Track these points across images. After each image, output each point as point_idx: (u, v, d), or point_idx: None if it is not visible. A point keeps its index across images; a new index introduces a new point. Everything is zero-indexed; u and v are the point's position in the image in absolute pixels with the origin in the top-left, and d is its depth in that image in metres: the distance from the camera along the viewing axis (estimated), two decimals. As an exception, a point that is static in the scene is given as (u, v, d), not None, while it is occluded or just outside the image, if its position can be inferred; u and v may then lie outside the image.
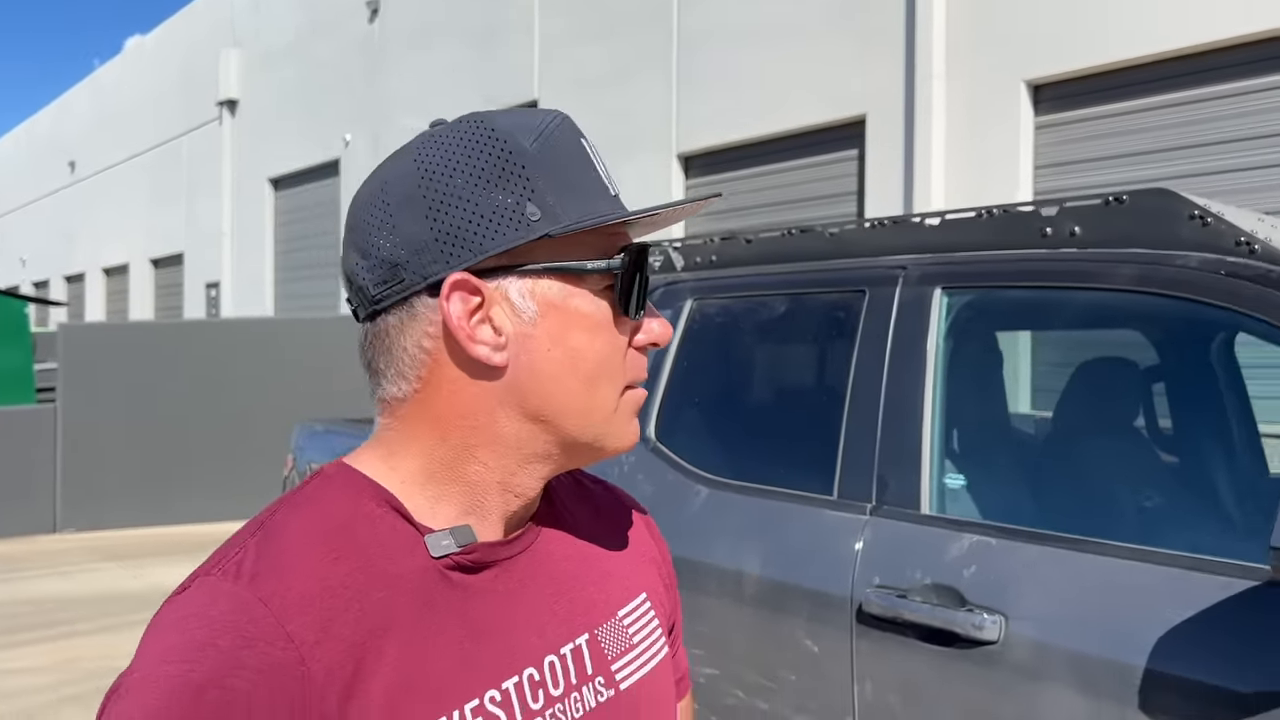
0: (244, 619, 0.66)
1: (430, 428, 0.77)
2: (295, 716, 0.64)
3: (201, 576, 0.70)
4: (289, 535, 0.72)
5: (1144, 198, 1.79)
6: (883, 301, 2.05)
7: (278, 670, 0.64)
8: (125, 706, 0.64)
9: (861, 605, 1.85)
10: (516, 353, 0.74)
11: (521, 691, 0.74)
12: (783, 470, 2.13)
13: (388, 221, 0.74)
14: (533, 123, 0.76)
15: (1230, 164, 8.10)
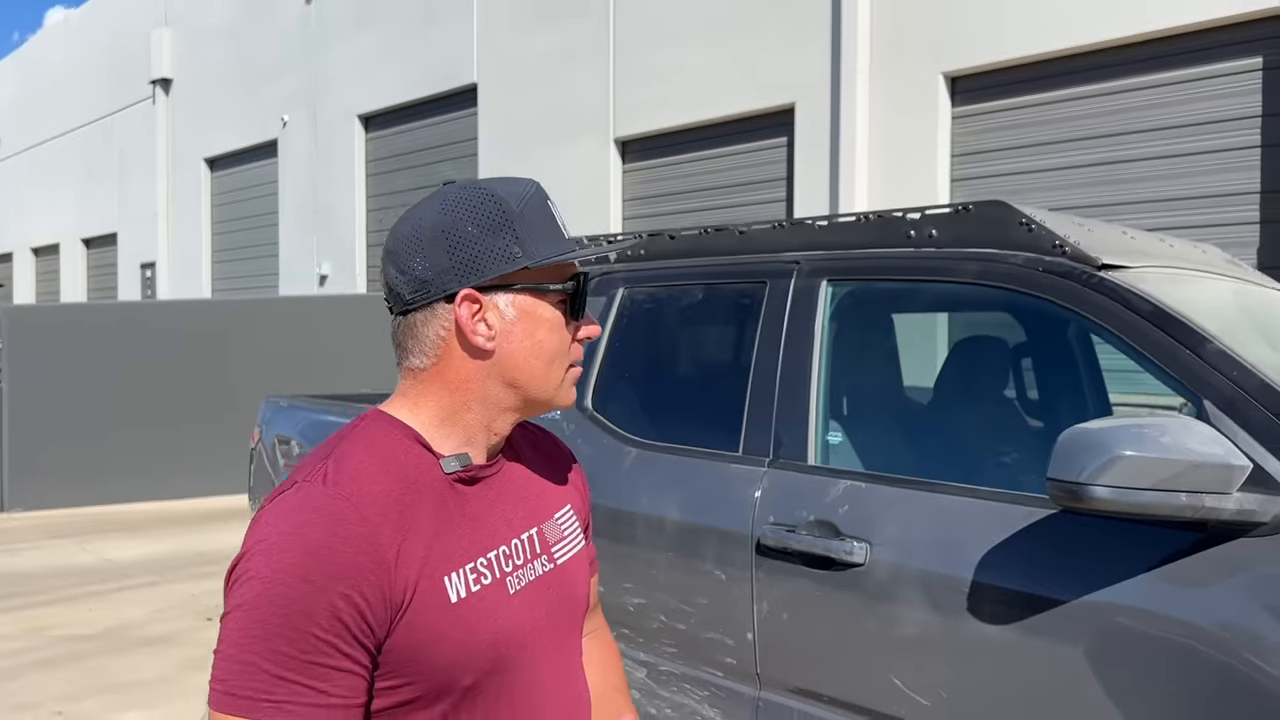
0: (335, 508, 1.04)
1: (441, 388, 1.16)
2: (369, 568, 1.02)
3: (298, 484, 1.07)
4: (354, 457, 1.10)
5: (985, 208, 2.22)
6: (780, 291, 2.46)
7: (358, 539, 1.03)
8: (255, 565, 1.01)
9: (760, 540, 2.26)
10: (501, 342, 1.14)
11: (499, 559, 1.14)
12: (697, 432, 2.54)
13: (421, 251, 1.13)
14: (518, 190, 1.16)
15: (1133, 154, 8.70)
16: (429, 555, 1.07)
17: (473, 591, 1.10)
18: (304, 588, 1.00)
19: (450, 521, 1.11)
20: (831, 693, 2.15)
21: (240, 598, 1.02)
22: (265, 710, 0.99)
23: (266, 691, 0.99)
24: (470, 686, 1.09)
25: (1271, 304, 2.45)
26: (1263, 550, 1.66)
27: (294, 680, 0.99)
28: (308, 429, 3.73)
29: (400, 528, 1.06)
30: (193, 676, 4.85)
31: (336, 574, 1.01)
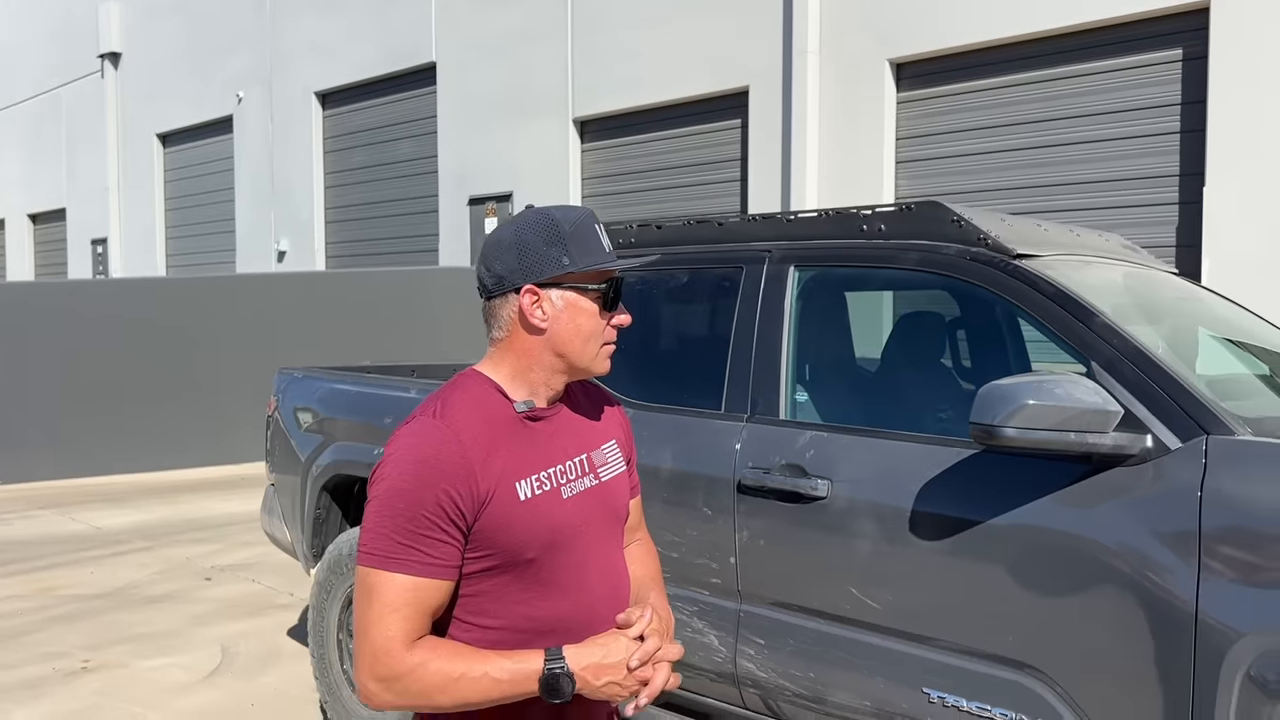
0: (440, 434, 1.51)
1: (512, 354, 1.62)
2: (461, 474, 1.49)
3: (419, 418, 1.54)
4: (454, 401, 1.57)
5: (923, 207, 2.71)
6: (755, 275, 2.93)
7: (454, 455, 1.50)
8: (386, 470, 1.50)
9: (740, 481, 2.74)
10: (551, 324, 1.60)
11: (555, 474, 1.61)
12: (686, 395, 3.01)
13: (501, 256, 1.59)
14: (572, 215, 1.61)
15: (1065, 138, 9.30)
16: (504, 468, 1.54)
17: (535, 494, 1.57)
18: (417, 485, 1.48)
19: (520, 446, 1.57)
20: (800, 602, 2.64)
21: (376, 491, 1.51)
22: (390, 565, 1.47)
23: (391, 553, 1.47)
24: (532, 560, 1.56)
25: (1153, 284, 2.98)
26: (1133, 476, 2.17)
27: (410, 546, 1.47)
28: (326, 397, 4.14)
29: (484, 448, 1.53)
30: (203, 629, 5.24)
31: (438, 478, 1.48)
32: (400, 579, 1.46)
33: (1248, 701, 1.94)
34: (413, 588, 1.47)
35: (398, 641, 1.46)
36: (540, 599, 1.56)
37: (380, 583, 1.47)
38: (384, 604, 1.46)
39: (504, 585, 1.54)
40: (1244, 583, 1.97)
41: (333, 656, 3.91)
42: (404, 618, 1.46)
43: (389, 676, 1.45)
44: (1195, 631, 2.02)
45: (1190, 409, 2.16)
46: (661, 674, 1.53)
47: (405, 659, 1.45)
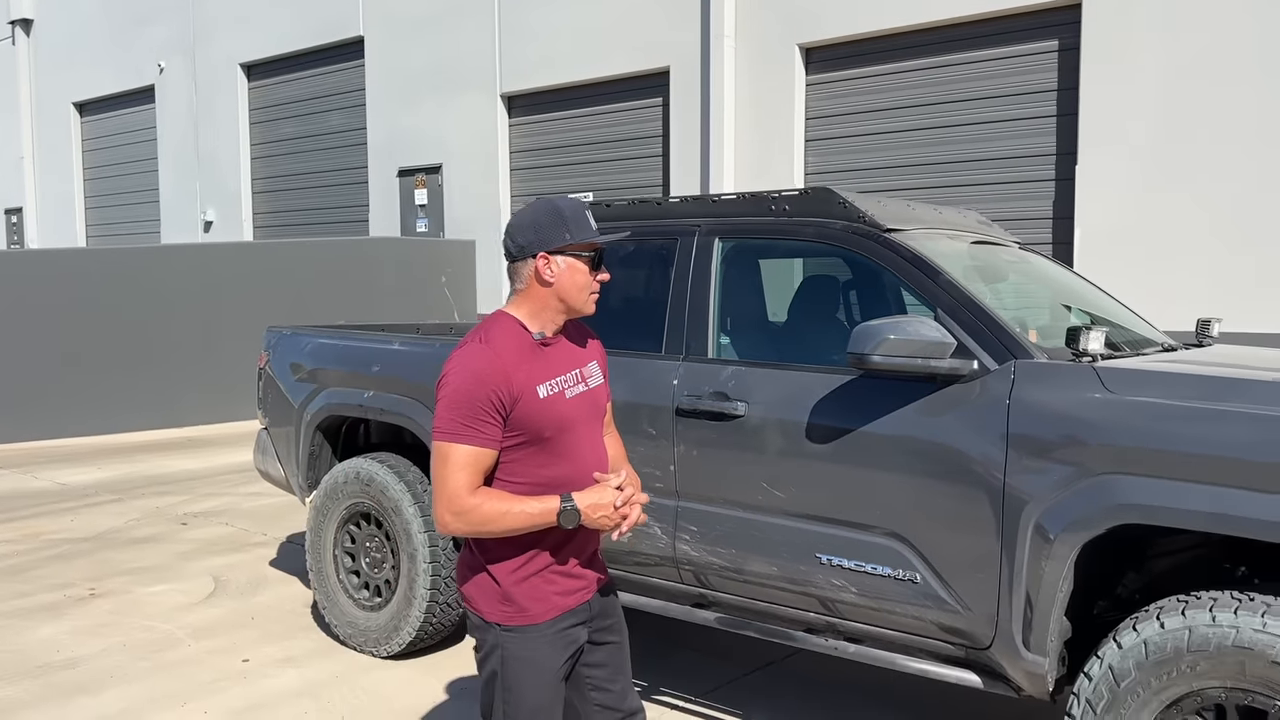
0: (487, 353, 2.24)
1: (530, 300, 2.35)
2: (502, 380, 2.22)
3: (469, 343, 2.28)
4: (493, 331, 2.31)
5: (818, 191, 3.50)
6: (688, 245, 3.70)
7: (497, 366, 2.23)
8: (450, 377, 2.23)
9: (678, 406, 3.52)
10: (558, 279, 2.33)
11: (561, 380, 2.35)
12: (633, 341, 3.77)
13: (523, 232, 2.32)
14: (571, 205, 2.35)
15: (956, 120, 10.25)
16: (529, 377, 2.28)
17: (550, 394, 2.31)
18: (474, 385, 2.21)
19: (537, 362, 2.30)
20: (725, 496, 3.44)
21: (445, 392, 2.23)
22: (458, 439, 2.20)
23: (457, 431, 2.20)
24: (549, 438, 2.30)
25: (993, 252, 3.84)
26: (965, 391, 3.00)
27: (470, 426, 2.21)
28: (316, 350, 4.79)
29: (515, 364, 2.27)
30: (191, 563, 5.85)
31: (488, 380, 2.21)
32: (465, 448, 2.19)
33: (1035, 542, 2.79)
34: (473, 454, 2.20)
35: (464, 488, 2.18)
36: (552, 464, 2.31)
37: (451, 451, 2.19)
38: (455, 464, 2.19)
39: (529, 455, 2.29)
40: (1034, 462, 2.82)
41: (329, 570, 4.59)
42: (468, 474, 2.19)
43: (460, 511, 2.18)
44: (1003, 498, 2.86)
45: (1004, 340, 3.00)
46: (635, 511, 2.28)
47: (469, 500, 2.19)
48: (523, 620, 2.27)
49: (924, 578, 3.02)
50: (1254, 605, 2.47)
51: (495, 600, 2.29)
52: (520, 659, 2.27)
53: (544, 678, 2.29)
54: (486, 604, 2.30)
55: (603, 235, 2.37)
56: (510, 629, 2.28)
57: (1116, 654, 2.62)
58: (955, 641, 3.02)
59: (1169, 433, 2.62)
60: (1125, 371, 2.85)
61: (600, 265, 2.38)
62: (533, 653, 2.27)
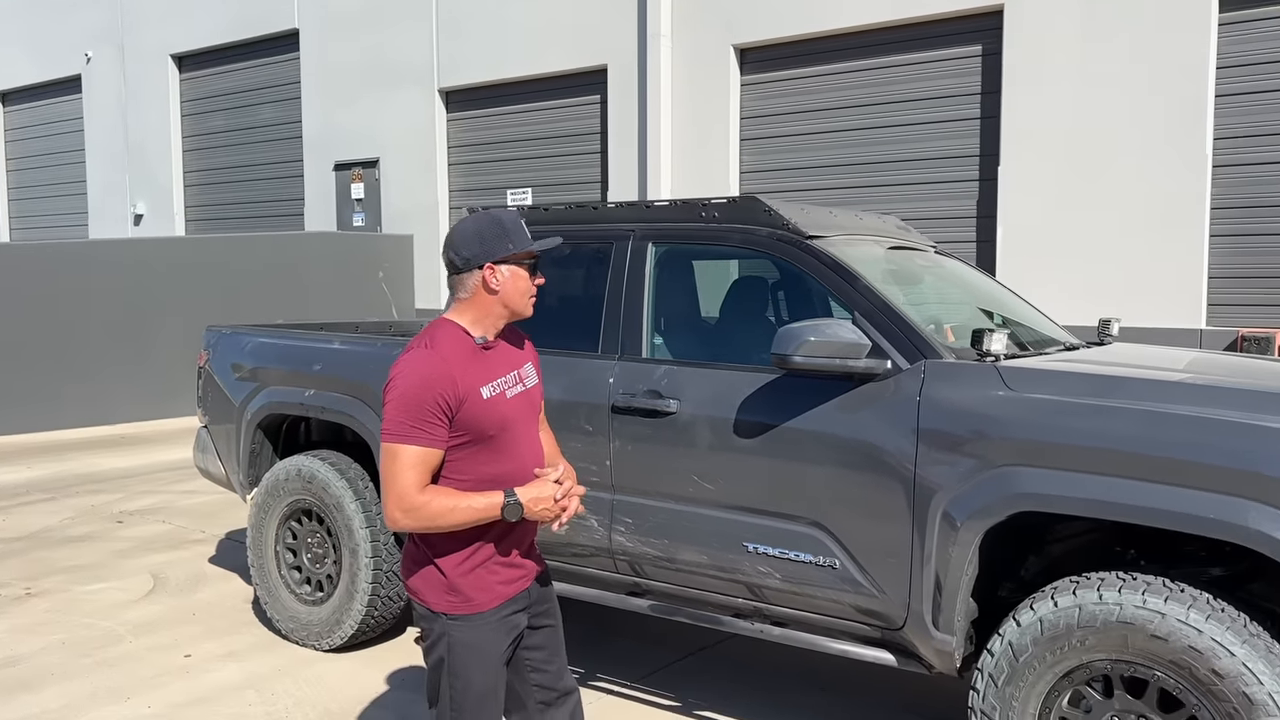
0: (433, 358, 2.38)
1: (474, 308, 2.49)
2: (448, 383, 2.36)
3: (415, 349, 2.41)
4: (439, 336, 2.45)
5: (744, 200, 3.68)
6: (623, 249, 3.86)
7: (444, 371, 2.37)
8: (398, 381, 2.36)
9: (614, 404, 3.68)
10: (502, 288, 2.47)
11: (501, 382, 2.49)
12: (570, 341, 3.92)
13: (468, 245, 2.46)
14: (509, 216, 2.50)
15: (885, 121, 10.54)
16: (473, 379, 2.42)
17: (492, 395, 2.46)
18: (423, 388, 2.34)
19: (480, 365, 2.44)
20: (658, 489, 3.61)
21: (393, 394, 2.35)
22: (406, 440, 2.32)
23: (406, 433, 2.33)
24: (492, 436, 2.45)
25: (909, 256, 4.07)
26: (880, 389, 3.20)
27: (418, 427, 2.34)
28: (256, 349, 4.85)
29: (461, 367, 2.40)
30: (129, 561, 5.86)
31: (436, 384, 2.35)
32: (413, 448, 2.32)
33: (943, 530, 3.01)
34: (421, 454, 2.33)
35: (413, 487, 2.32)
36: (495, 461, 2.46)
37: (401, 451, 2.32)
38: (404, 463, 2.32)
39: (474, 453, 2.43)
40: (941, 455, 3.03)
41: (270, 565, 4.67)
42: (417, 473, 2.32)
43: (409, 508, 2.32)
44: (914, 488, 3.07)
45: (915, 342, 3.22)
46: (574, 504, 2.44)
47: (419, 498, 2.32)
48: (469, 609, 2.42)
49: (843, 564, 3.22)
50: (1136, 584, 2.71)
51: (442, 591, 2.42)
52: (467, 645, 2.41)
53: (489, 663, 2.43)
54: (433, 595, 2.43)
55: (540, 243, 2.52)
56: (456, 618, 2.41)
57: (1016, 631, 2.85)
58: (871, 623, 3.24)
59: (1062, 427, 2.85)
60: (1025, 370, 3.08)
61: (536, 270, 2.53)
62: (478, 640, 2.42)
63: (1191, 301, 8.75)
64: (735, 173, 11.34)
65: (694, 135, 11.50)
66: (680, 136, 11.59)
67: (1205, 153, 8.58)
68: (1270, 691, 2.48)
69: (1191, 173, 8.63)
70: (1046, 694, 2.83)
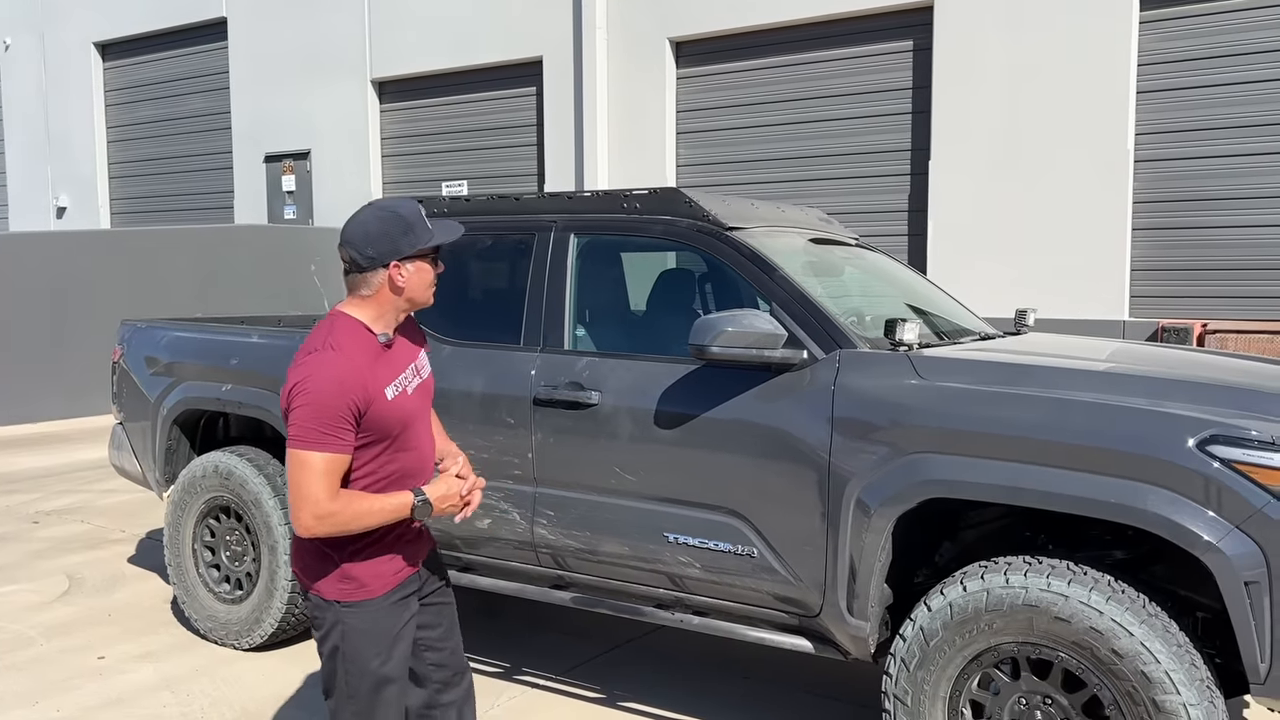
0: (340, 359, 2.32)
1: (375, 304, 2.43)
2: (358, 385, 2.31)
3: (318, 350, 2.35)
4: (343, 336, 2.38)
5: (665, 191, 3.68)
6: (544, 240, 3.84)
7: (353, 372, 2.32)
8: (307, 385, 2.28)
9: (535, 396, 3.66)
10: (408, 283, 2.43)
11: (403, 379, 2.47)
12: (491, 332, 3.88)
13: (370, 243, 2.39)
14: (408, 208, 2.44)
15: (817, 115, 10.62)
16: (378, 380, 2.38)
17: (396, 395, 2.43)
18: (335, 394, 2.28)
19: (383, 364, 2.40)
20: (580, 482, 3.59)
21: (301, 401, 2.28)
22: (316, 447, 2.26)
23: (316, 440, 2.28)
24: (398, 435, 2.43)
25: (829, 248, 4.11)
26: (796, 379, 3.22)
27: (329, 434, 2.29)
28: (172, 344, 4.74)
29: (366, 367, 2.36)
30: (44, 562, 5.70)
31: (348, 389, 2.30)
32: (324, 455, 2.25)
33: (856, 517, 3.04)
34: (334, 460, 2.27)
35: (325, 494, 2.25)
36: (397, 457, 2.44)
37: (311, 458, 2.25)
38: (315, 471, 2.24)
39: (377, 452, 2.40)
40: (855, 444, 3.06)
41: (188, 563, 4.57)
42: (329, 480, 2.26)
43: (322, 515, 2.25)
44: (829, 476, 3.10)
45: (830, 332, 3.24)
46: (477, 496, 2.49)
47: (330, 505, 2.26)
48: (362, 595, 2.40)
49: (760, 552, 3.24)
50: (1041, 568, 2.76)
51: (335, 579, 2.39)
52: (361, 631, 2.39)
53: (383, 645, 2.42)
54: (325, 584, 2.40)
55: (442, 236, 2.47)
56: (350, 605, 2.39)
57: (926, 615, 2.89)
58: (789, 610, 3.26)
59: (971, 415, 2.90)
60: (936, 359, 3.12)
61: (438, 261, 2.50)
62: (372, 624, 2.40)
63: (1115, 293, 8.97)
64: (672, 166, 11.35)
65: (631, 128, 11.48)
66: (617, 129, 11.57)
67: (1127, 148, 8.79)
68: (1167, 670, 2.55)
69: (1114, 168, 8.85)
70: (956, 677, 2.87)
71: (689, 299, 4.09)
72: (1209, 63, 8.60)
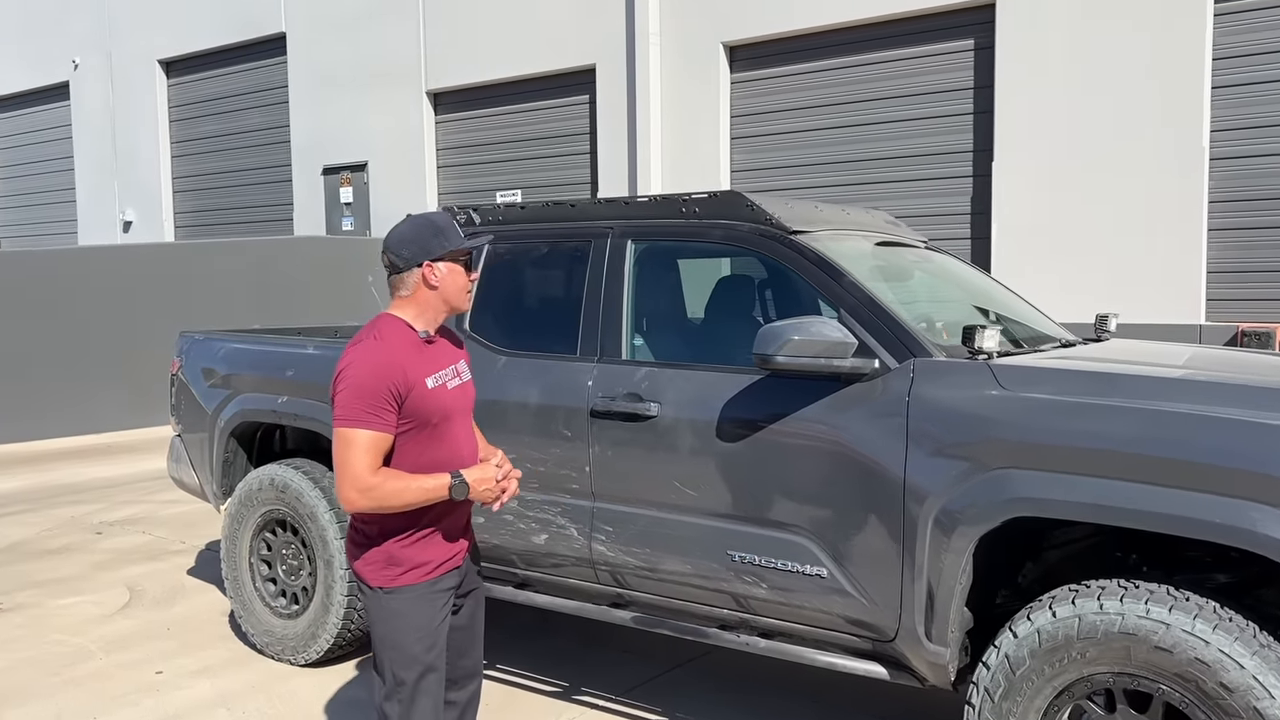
0: (382, 349, 2.43)
1: (415, 304, 2.54)
2: (397, 373, 2.42)
3: (364, 341, 2.45)
4: (385, 329, 2.47)
5: (725, 195, 3.54)
6: (600, 247, 3.72)
7: (393, 361, 2.42)
8: (350, 370, 2.42)
9: (593, 408, 3.54)
10: (441, 283, 2.52)
11: (442, 374, 2.54)
12: (547, 342, 3.78)
13: (406, 246, 2.51)
14: (442, 215, 2.55)
15: (875, 117, 10.41)
16: (418, 369, 2.52)
17: (436, 385, 2.55)
18: (374, 378, 2.41)
19: (423, 357, 2.55)
20: (639, 496, 3.46)
21: (344, 384, 2.42)
22: (359, 425, 2.40)
23: (359, 418, 2.40)
24: (435, 424, 2.54)
25: (898, 251, 3.93)
26: (867, 389, 3.06)
27: (371, 413, 2.41)
28: (229, 355, 4.71)
29: (408, 358, 2.51)
30: (106, 573, 5.72)
31: (387, 372, 2.42)
32: (368, 433, 2.42)
33: (935, 536, 2.86)
34: (375, 438, 2.44)
35: (367, 469, 2.42)
36: (435, 448, 2.56)
37: (355, 436, 2.42)
38: (359, 447, 2.41)
39: (417, 440, 2.53)
40: (932, 458, 2.89)
41: (245, 578, 4.53)
42: (371, 456, 2.43)
43: (365, 489, 2.41)
44: (904, 493, 2.93)
45: (904, 339, 3.07)
46: (513, 484, 2.59)
47: (372, 479, 2.42)
48: (404, 581, 2.54)
49: (831, 572, 3.08)
50: (1138, 593, 2.56)
51: (380, 566, 2.54)
52: (401, 614, 2.53)
53: (423, 632, 2.54)
54: (372, 572, 2.55)
55: (471, 241, 2.64)
56: (392, 590, 2.54)
57: (1012, 643, 2.71)
58: (862, 634, 3.09)
59: (1059, 428, 2.71)
60: (1019, 368, 2.93)
61: (471, 267, 2.64)
62: (413, 608, 2.54)
63: (1190, 297, 8.61)
64: (726, 171, 11.20)
65: (684, 134, 11.36)
66: (670, 136, 11.45)
67: (1203, 145, 8.44)
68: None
69: (1189, 166, 8.50)
70: (1045, 709, 2.68)
71: (750, 306, 3.95)
72: (1291, 55, 8.24)
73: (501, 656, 4.35)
